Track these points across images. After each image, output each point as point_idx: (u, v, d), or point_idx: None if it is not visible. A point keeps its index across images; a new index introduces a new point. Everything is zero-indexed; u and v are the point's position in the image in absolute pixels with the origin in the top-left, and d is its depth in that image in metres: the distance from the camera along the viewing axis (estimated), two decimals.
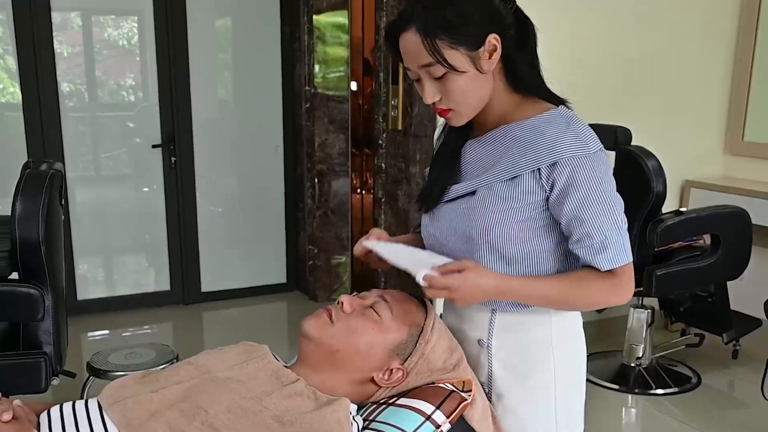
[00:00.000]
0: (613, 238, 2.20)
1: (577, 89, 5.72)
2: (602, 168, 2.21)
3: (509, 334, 2.35)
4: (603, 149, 2.24)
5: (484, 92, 2.24)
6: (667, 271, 4.98)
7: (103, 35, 6.66)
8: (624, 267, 2.24)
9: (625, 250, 2.24)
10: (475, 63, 2.15)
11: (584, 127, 2.26)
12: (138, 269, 7.19)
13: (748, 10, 6.11)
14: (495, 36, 2.14)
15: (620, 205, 2.25)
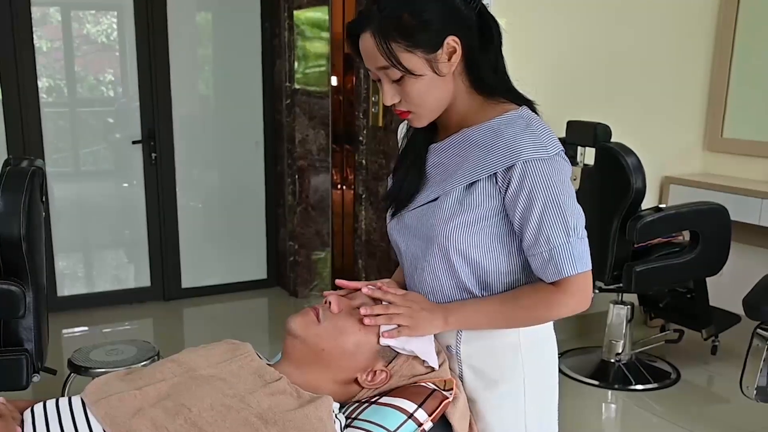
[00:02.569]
0: (561, 248, 2.13)
1: (557, 87, 5.80)
2: (559, 173, 2.14)
3: (477, 341, 2.33)
4: (563, 153, 2.16)
5: (444, 95, 2.20)
6: (646, 267, 4.99)
7: (83, 30, 6.63)
8: (572, 278, 2.14)
9: (575, 260, 2.14)
10: (433, 66, 2.12)
11: (544, 128, 2.16)
12: (118, 265, 7.18)
13: (726, 7, 6.14)
14: (454, 38, 2.11)
15: (574, 213, 2.19)
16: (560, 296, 2.15)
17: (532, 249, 2.15)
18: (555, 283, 2.15)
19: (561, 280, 2.14)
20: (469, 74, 2.21)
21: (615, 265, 5.06)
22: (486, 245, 2.20)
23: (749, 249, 5.88)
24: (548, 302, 2.17)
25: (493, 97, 2.25)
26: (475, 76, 2.21)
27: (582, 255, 2.15)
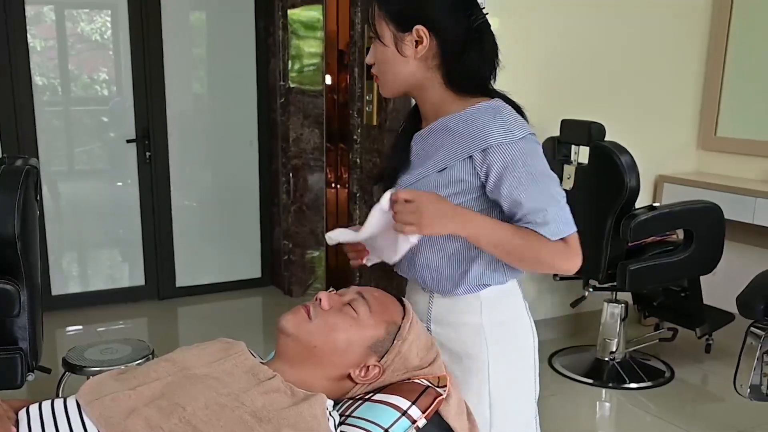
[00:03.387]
0: (552, 213, 2.31)
1: (551, 86, 5.81)
2: (530, 151, 2.34)
3: (445, 318, 2.50)
4: (531, 134, 2.39)
5: (402, 74, 2.41)
6: (640, 266, 5.00)
7: (77, 29, 6.63)
8: (570, 236, 2.34)
9: (566, 221, 2.35)
10: (397, 44, 2.36)
11: (511, 116, 2.37)
12: (112, 264, 7.18)
13: (720, 6, 6.15)
14: (423, 29, 2.32)
15: (553, 180, 2.38)
16: (564, 252, 2.34)
17: (528, 218, 2.31)
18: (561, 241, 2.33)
19: (565, 238, 2.33)
20: (443, 71, 2.40)
21: (609, 264, 5.07)
22: None
23: (743, 247, 5.89)
24: (558, 255, 2.33)
25: (465, 94, 2.43)
26: (448, 74, 2.40)
27: (569, 218, 2.37)
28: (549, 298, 6.13)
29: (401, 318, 2.25)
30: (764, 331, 3.61)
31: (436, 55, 2.37)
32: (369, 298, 2.23)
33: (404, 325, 2.22)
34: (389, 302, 2.28)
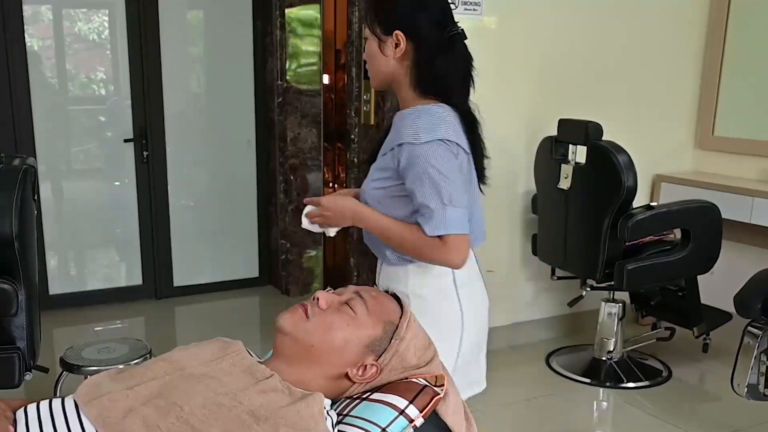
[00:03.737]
0: (438, 212, 2.67)
1: (548, 85, 5.82)
2: (433, 154, 2.67)
3: (383, 283, 3.03)
4: (440, 140, 2.68)
5: (383, 70, 2.88)
6: (637, 266, 5.01)
7: (74, 29, 6.63)
8: (447, 237, 2.68)
9: (450, 223, 2.67)
10: (380, 43, 2.83)
11: (429, 121, 2.72)
12: (110, 264, 7.18)
13: (717, 6, 6.15)
14: (401, 34, 2.77)
15: (452, 183, 2.67)
16: (439, 248, 2.71)
17: (419, 210, 2.72)
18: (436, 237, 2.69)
19: (442, 237, 2.68)
20: (413, 73, 2.82)
21: (606, 264, 5.07)
22: (388, 204, 2.85)
23: (740, 247, 5.90)
24: (431, 249, 2.71)
25: (424, 96, 2.83)
26: (416, 76, 2.82)
27: (455, 220, 2.68)
28: (546, 297, 6.14)
29: (399, 317, 2.24)
30: (761, 330, 3.62)
31: (410, 58, 2.80)
32: (366, 298, 2.23)
33: (402, 325, 2.22)
34: (387, 301, 2.28)
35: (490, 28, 5.40)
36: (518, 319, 6.07)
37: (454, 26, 2.86)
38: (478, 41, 5.39)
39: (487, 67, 5.51)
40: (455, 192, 2.67)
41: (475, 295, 3.03)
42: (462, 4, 5.22)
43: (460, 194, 2.68)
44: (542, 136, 5.47)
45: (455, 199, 2.66)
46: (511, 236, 5.91)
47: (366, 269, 5.98)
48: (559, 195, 5.27)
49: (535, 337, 6.15)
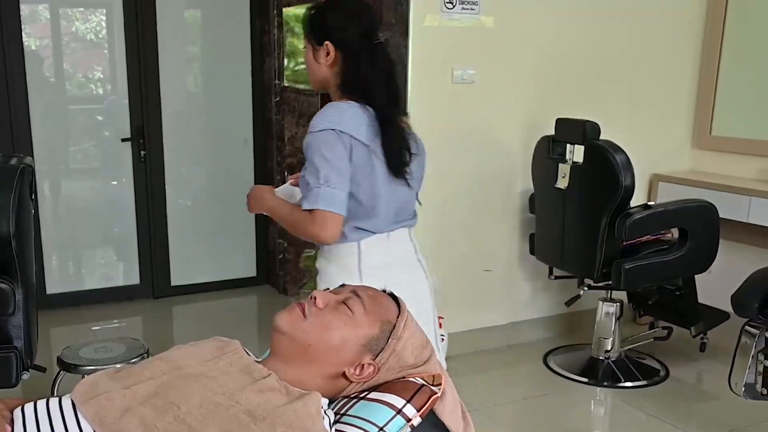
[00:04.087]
0: (314, 190, 3.03)
1: (546, 84, 5.82)
2: (321, 141, 3.06)
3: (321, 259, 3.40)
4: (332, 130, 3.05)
5: (317, 75, 3.28)
6: (635, 265, 5.01)
7: (72, 28, 6.63)
8: (316, 211, 3.03)
9: (320, 200, 3.02)
10: (314, 52, 3.24)
11: (327, 113, 3.11)
12: (107, 263, 7.18)
13: (715, 5, 6.15)
14: (330, 45, 3.17)
15: (329, 168, 3.03)
16: (310, 222, 3.07)
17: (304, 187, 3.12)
18: (307, 211, 3.07)
19: (312, 211, 3.04)
20: (340, 77, 3.20)
21: (604, 263, 5.08)
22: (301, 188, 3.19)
23: (737, 246, 5.90)
24: (304, 222, 3.10)
25: (348, 96, 3.18)
26: (342, 80, 3.19)
27: (326, 198, 3.02)
28: (544, 297, 6.14)
29: (396, 316, 2.24)
30: (759, 329, 3.63)
31: (338, 65, 3.19)
32: (364, 297, 2.23)
33: (399, 324, 2.22)
34: (384, 301, 2.28)
35: (488, 27, 5.39)
36: (516, 318, 6.07)
37: (377, 37, 3.23)
38: (476, 41, 5.42)
39: (484, 67, 5.54)
40: (333, 175, 3.02)
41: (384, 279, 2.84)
42: (459, 4, 5.22)
43: (339, 178, 3.03)
44: (540, 135, 5.47)
45: (332, 181, 3.01)
46: (509, 236, 5.91)
47: None
48: (556, 194, 5.27)
49: (532, 337, 6.15)
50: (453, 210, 5.60)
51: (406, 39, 5.18)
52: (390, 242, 3.29)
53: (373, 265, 3.23)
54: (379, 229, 3.24)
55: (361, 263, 3.23)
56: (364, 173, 3.10)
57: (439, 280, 5.63)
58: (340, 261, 3.26)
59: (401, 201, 3.31)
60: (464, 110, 5.47)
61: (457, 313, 5.71)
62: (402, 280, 3.08)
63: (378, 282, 2.77)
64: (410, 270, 3.39)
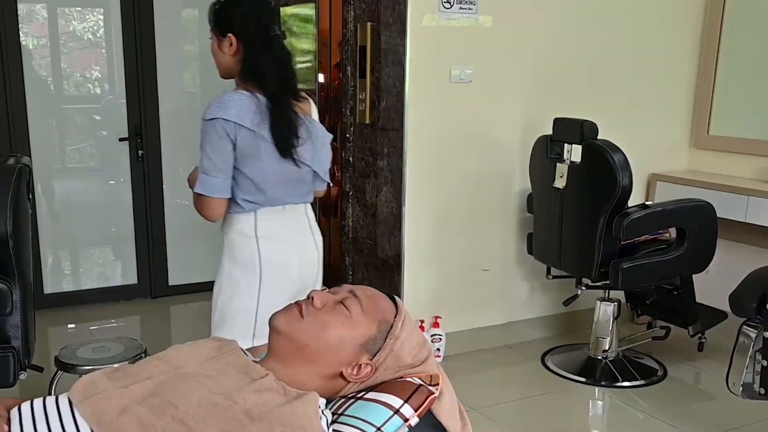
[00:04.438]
0: (201, 176, 3.54)
1: (544, 84, 5.82)
2: (209, 129, 3.52)
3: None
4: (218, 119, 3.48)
5: (222, 63, 3.70)
6: (633, 265, 5.01)
7: (69, 27, 6.62)
8: (202, 195, 3.55)
9: (204, 184, 3.53)
10: (219, 43, 3.64)
11: (219, 103, 3.52)
12: (105, 263, 7.18)
13: (713, 5, 6.16)
14: (233, 36, 3.58)
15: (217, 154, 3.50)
16: (198, 203, 3.61)
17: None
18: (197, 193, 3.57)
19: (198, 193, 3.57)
20: (241, 66, 3.62)
21: (602, 262, 5.07)
22: None
23: (735, 246, 5.91)
24: (196, 202, 3.62)
25: (246, 83, 3.61)
26: (242, 69, 3.61)
27: (207, 185, 3.53)
28: (542, 296, 6.14)
29: (393, 316, 2.24)
30: (757, 329, 3.62)
31: (239, 54, 3.60)
32: (361, 297, 2.23)
33: (396, 324, 2.22)
34: (381, 301, 2.28)
35: (485, 27, 5.39)
36: (513, 318, 6.07)
37: (274, 30, 3.63)
38: (474, 40, 5.42)
39: (482, 66, 5.53)
40: (213, 165, 3.51)
41: (278, 249, 3.67)
42: (457, 3, 5.22)
43: (219, 167, 3.50)
44: (537, 134, 5.47)
45: (212, 170, 3.51)
46: (506, 235, 5.91)
47: (361, 268, 5.98)
48: (554, 194, 5.27)
49: (530, 336, 6.15)
50: (450, 209, 5.60)
51: (404, 38, 5.18)
52: (285, 214, 3.69)
53: (267, 232, 3.65)
54: (271, 202, 3.63)
55: (257, 230, 3.64)
56: (251, 155, 3.50)
57: (437, 279, 5.65)
58: (239, 228, 3.66)
59: (291, 179, 3.65)
60: (462, 110, 5.47)
61: (455, 313, 5.72)
62: (294, 243, 3.73)
63: (271, 243, 3.64)
64: (302, 238, 3.78)
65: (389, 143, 5.45)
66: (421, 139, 5.35)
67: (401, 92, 5.26)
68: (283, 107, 3.55)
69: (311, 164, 3.69)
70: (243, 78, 3.61)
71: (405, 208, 5.40)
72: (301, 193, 3.75)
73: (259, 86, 3.55)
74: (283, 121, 3.52)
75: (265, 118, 3.49)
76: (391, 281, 5.61)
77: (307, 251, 3.79)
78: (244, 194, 3.57)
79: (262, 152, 3.50)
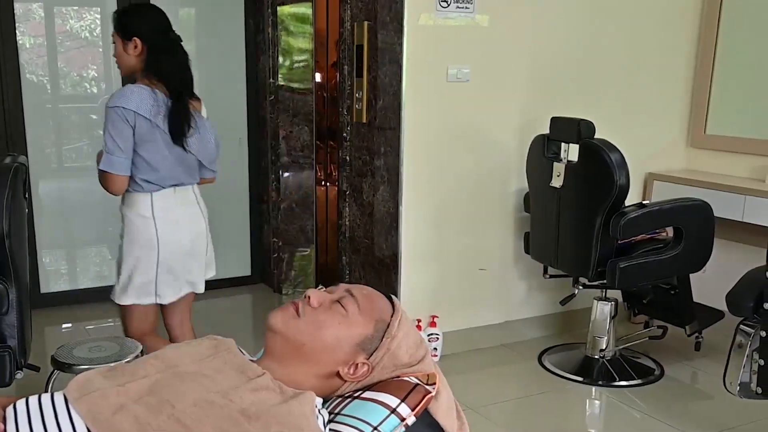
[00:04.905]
0: (105, 156, 4.02)
1: (541, 83, 5.82)
2: (111, 115, 3.99)
3: None
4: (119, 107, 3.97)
5: (126, 64, 4.20)
6: (630, 264, 5.01)
7: (66, 26, 6.61)
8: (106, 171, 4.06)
9: (106, 163, 4.04)
10: (124, 45, 4.15)
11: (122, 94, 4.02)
12: (101, 262, 7.16)
13: (710, 4, 6.16)
14: (138, 40, 4.09)
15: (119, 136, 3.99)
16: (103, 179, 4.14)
17: None
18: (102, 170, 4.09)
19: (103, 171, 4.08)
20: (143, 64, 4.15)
21: (599, 262, 5.07)
22: None
23: (732, 245, 5.91)
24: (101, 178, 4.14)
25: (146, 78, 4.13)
26: (145, 68, 4.14)
27: (111, 163, 4.03)
28: (539, 295, 6.14)
29: (390, 316, 2.24)
30: (754, 328, 3.62)
31: (144, 55, 4.13)
32: (358, 296, 2.23)
33: (393, 323, 2.22)
34: (378, 300, 2.28)
35: (482, 26, 5.39)
36: (510, 317, 6.07)
37: (174, 34, 4.25)
38: (470, 39, 5.42)
39: (479, 66, 5.53)
40: (116, 145, 3.98)
41: (173, 229, 4.28)
42: (454, 3, 5.22)
43: (120, 147, 3.99)
44: (534, 134, 5.47)
45: (115, 150, 3.99)
46: (503, 234, 5.91)
47: (358, 267, 5.98)
48: (551, 193, 5.27)
49: (527, 336, 6.15)
50: (447, 209, 5.60)
51: (401, 38, 5.18)
52: (176, 195, 4.29)
53: (163, 213, 4.24)
54: (165, 183, 4.21)
55: (154, 210, 4.23)
56: (147, 140, 4.06)
57: (434, 279, 5.65)
58: (137, 207, 4.23)
59: (182, 163, 4.25)
60: (459, 109, 5.46)
61: (452, 312, 5.72)
62: (184, 218, 4.36)
63: (167, 224, 4.24)
64: (191, 213, 4.41)
65: (386, 142, 5.44)
66: (418, 139, 5.35)
67: (398, 91, 5.26)
68: (182, 103, 4.17)
69: (197, 153, 4.31)
70: (145, 75, 4.14)
71: (402, 207, 5.40)
72: (189, 174, 4.35)
73: (161, 85, 4.13)
74: (179, 114, 4.14)
75: (161, 110, 4.07)
76: (388, 280, 5.61)
77: (197, 226, 4.46)
78: (141, 174, 4.13)
79: (157, 138, 4.09)
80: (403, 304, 2.38)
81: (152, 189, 4.20)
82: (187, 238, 4.39)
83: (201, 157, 4.37)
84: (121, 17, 4.23)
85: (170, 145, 4.14)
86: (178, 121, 4.13)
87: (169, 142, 4.13)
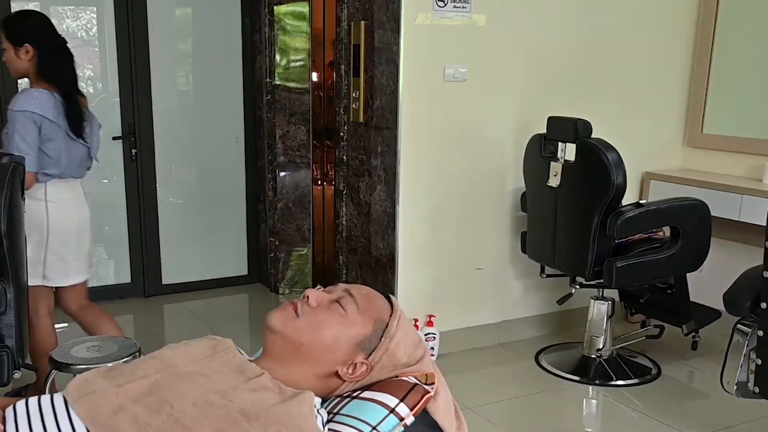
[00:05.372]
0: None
1: (537, 82, 5.82)
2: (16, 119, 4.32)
3: None
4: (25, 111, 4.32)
5: (17, 68, 4.52)
6: (627, 263, 5.01)
7: (62, 26, 6.60)
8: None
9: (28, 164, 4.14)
10: (15, 51, 4.46)
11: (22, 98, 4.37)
12: (98, 261, 7.14)
13: (707, 4, 6.16)
14: (29, 46, 4.43)
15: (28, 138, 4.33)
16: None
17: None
18: None
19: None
20: (36, 67, 4.49)
21: (595, 261, 5.07)
22: None
23: (729, 244, 5.91)
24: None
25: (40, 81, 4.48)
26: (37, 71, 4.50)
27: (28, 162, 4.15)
28: (535, 295, 6.14)
29: (389, 315, 2.24)
30: (751, 328, 3.62)
31: (35, 59, 4.47)
32: (356, 296, 2.23)
33: (392, 323, 2.22)
34: (377, 300, 2.27)
35: (479, 26, 5.39)
36: (507, 316, 6.07)
37: (60, 38, 4.60)
38: (467, 39, 5.42)
39: (476, 65, 5.53)
40: (23, 145, 4.29)
41: (62, 212, 4.64)
42: (451, 2, 5.22)
43: (28, 147, 4.29)
44: (531, 133, 5.47)
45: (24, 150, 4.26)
46: (500, 234, 5.91)
47: (355, 267, 5.98)
48: (548, 193, 5.27)
49: (524, 335, 6.15)
50: (444, 208, 5.60)
51: (398, 37, 5.18)
52: (67, 185, 4.67)
53: (55, 198, 4.60)
54: (62, 175, 4.58)
55: (47, 195, 4.56)
56: (51, 139, 4.42)
57: (431, 278, 5.65)
58: (32, 194, 4.46)
59: (78, 157, 4.66)
60: (456, 108, 5.46)
61: (449, 312, 5.72)
62: (74, 207, 4.73)
63: (57, 207, 4.60)
64: (78, 203, 4.79)
65: (383, 142, 5.44)
66: (414, 138, 5.35)
67: (395, 91, 5.26)
68: (75, 102, 4.57)
69: (90, 144, 4.74)
70: (38, 79, 4.50)
71: (399, 206, 5.40)
72: (81, 168, 4.75)
73: (53, 85, 4.49)
74: (76, 112, 4.55)
75: (60, 111, 4.45)
76: (385, 280, 5.61)
77: (83, 214, 4.82)
78: (43, 168, 4.46)
79: (59, 136, 4.47)
80: (400, 304, 2.38)
81: (47, 180, 4.55)
82: (75, 223, 4.75)
83: (93, 145, 4.80)
84: (10, 24, 4.56)
85: (68, 141, 4.55)
86: (76, 118, 4.56)
87: (69, 139, 4.55)
